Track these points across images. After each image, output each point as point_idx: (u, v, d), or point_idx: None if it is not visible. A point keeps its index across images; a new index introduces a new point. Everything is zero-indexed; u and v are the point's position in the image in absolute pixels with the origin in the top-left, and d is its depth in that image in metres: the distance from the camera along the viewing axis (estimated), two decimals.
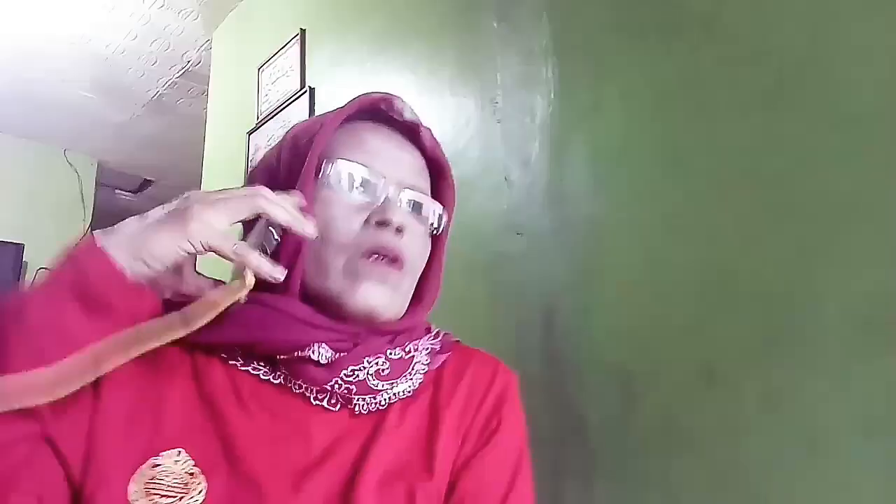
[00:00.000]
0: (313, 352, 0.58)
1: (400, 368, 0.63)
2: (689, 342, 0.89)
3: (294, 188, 0.61)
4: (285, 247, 0.60)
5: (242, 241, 0.55)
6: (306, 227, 0.57)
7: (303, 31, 1.94)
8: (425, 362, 0.65)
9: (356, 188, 0.63)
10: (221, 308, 0.53)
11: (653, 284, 0.95)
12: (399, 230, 0.62)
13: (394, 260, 0.62)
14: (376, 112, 0.68)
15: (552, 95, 1.15)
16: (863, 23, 0.78)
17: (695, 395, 0.87)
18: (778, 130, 0.84)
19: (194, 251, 0.53)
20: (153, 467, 0.54)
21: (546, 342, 1.07)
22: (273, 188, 0.58)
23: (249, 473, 0.55)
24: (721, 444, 0.83)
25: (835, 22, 0.80)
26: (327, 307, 0.61)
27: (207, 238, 0.52)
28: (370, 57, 1.66)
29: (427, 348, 0.67)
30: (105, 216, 2.69)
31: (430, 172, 0.71)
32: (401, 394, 0.62)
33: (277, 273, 0.55)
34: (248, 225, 0.63)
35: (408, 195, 0.65)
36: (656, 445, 0.90)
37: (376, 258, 0.61)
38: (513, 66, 1.24)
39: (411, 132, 0.70)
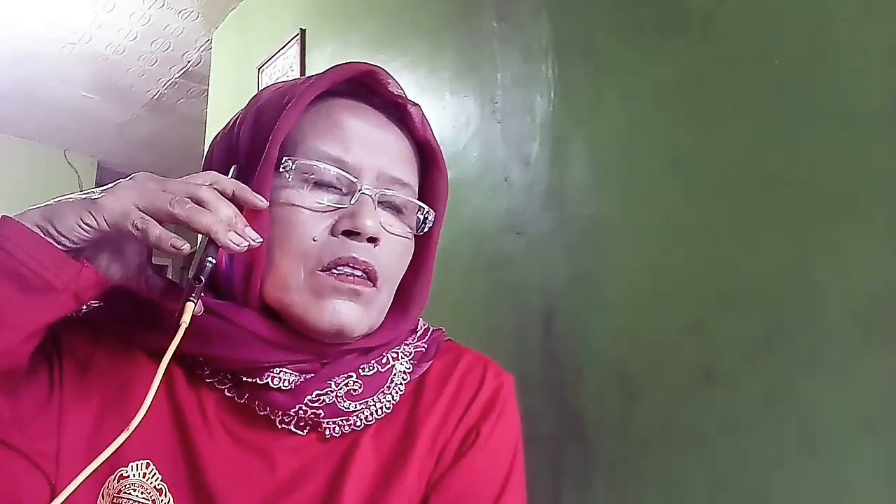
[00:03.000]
0: (272, 378, 0.52)
1: (376, 384, 0.56)
2: (689, 342, 0.89)
3: (253, 176, 0.53)
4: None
5: (144, 215, 0.47)
6: (232, 239, 0.47)
7: (303, 31, 1.94)
8: (407, 371, 0.58)
9: (323, 188, 0.54)
10: (176, 344, 0.47)
11: (653, 284, 0.95)
12: (372, 240, 0.53)
13: (365, 276, 0.53)
14: (356, 86, 0.58)
15: (552, 95, 1.15)
16: (863, 23, 0.78)
17: (695, 395, 0.87)
18: (778, 130, 0.84)
19: (95, 225, 0.46)
20: (120, 479, 0.51)
21: (546, 342, 1.07)
22: (230, 168, 0.54)
23: (213, 500, 0.51)
24: (721, 443, 0.83)
25: (835, 22, 0.80)
26: (289, 321, 0.53)
27: (111, 213, 0.46)
28: (370, 57, 1.66)
29: (410, 353, 0.60)
30: None
31: (419, 158, 0.61)
32: (378, 412, 0.56)
33: (182, 245, 0.46)
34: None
35: (388, 193, 0.56)
36: (656, 445, 0.90)
37: (342, 275, 0.52)
38: (513, 66, 1.24)
39: (397, 110, 0.59)
